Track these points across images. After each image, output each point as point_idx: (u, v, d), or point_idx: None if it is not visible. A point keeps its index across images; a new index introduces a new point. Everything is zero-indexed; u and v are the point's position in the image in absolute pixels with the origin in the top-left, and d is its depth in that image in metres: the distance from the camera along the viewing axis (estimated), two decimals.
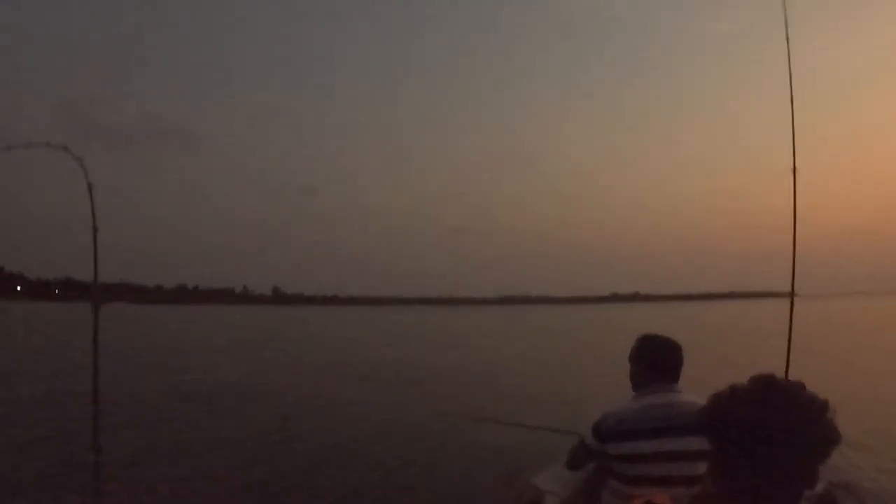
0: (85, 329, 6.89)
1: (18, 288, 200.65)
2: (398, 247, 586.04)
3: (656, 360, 3.39)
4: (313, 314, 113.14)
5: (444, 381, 17.92)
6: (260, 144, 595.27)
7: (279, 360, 24.77)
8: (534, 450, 7.28)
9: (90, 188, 5.24)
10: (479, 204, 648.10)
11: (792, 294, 4.32)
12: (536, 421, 9.15)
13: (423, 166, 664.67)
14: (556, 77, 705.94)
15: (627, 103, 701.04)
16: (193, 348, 31.32)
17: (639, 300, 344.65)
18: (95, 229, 5.65)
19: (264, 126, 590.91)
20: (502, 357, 26.36)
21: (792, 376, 1.91)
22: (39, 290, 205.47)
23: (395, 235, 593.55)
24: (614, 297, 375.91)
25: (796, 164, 4.37)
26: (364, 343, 36.67)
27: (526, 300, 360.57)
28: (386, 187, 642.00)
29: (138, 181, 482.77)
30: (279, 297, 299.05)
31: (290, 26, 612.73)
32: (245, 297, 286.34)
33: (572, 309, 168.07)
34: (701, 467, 2.85)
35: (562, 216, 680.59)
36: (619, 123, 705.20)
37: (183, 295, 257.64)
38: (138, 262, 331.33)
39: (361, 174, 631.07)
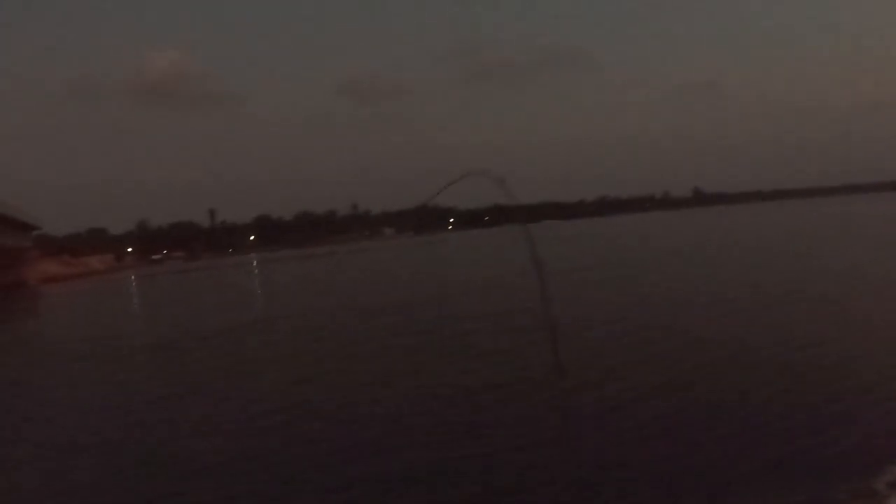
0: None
1: (451, 220, 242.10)
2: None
3: None
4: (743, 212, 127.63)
5: None
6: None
7: None
8: None
9: None
10: None
11: None
12: None
13: None
14: None
15: None
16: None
17: None
18: None
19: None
20: None
21: None
22: (469, 219, 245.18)
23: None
24: None
25: None
26: None
27: None
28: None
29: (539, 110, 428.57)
30: (700, 199, 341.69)
31: None
32: (665, 202, 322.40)
33: None
34: None
35: None
36: None
37: (604, 206, 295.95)
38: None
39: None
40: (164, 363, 18.94)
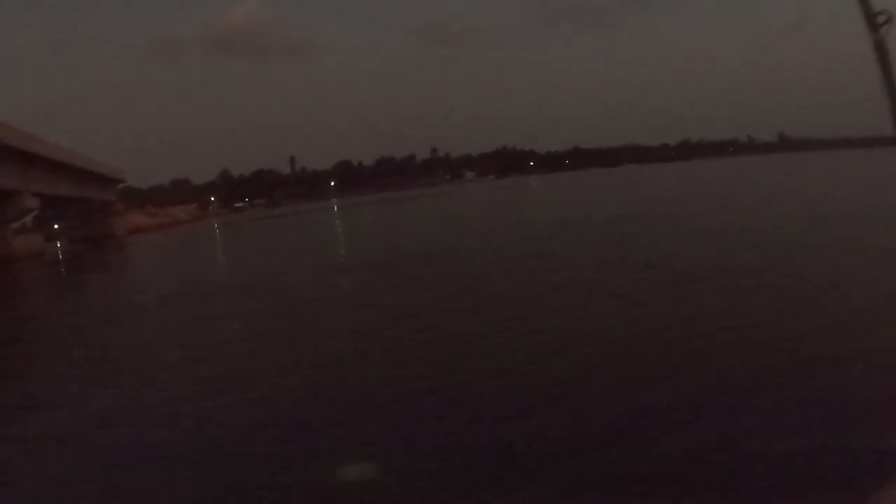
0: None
1: (531, 163, 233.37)
2: None
3: None
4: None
5: None
6: None
7: None
8: None
9: None
10: None
11: None
12: None
13: None
14: None
15: None
16: None
17: None
18: None
19: None
20: None
21: None
22: (550, 162, 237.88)
23: None
24: None
25: None
26: None
27: None
28: None
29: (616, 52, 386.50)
30: (785, 144, 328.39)
31: None
32: (750, 147, 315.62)
33: None
34: None
35: None
36: None
37: (688, 150, 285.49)
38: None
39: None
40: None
